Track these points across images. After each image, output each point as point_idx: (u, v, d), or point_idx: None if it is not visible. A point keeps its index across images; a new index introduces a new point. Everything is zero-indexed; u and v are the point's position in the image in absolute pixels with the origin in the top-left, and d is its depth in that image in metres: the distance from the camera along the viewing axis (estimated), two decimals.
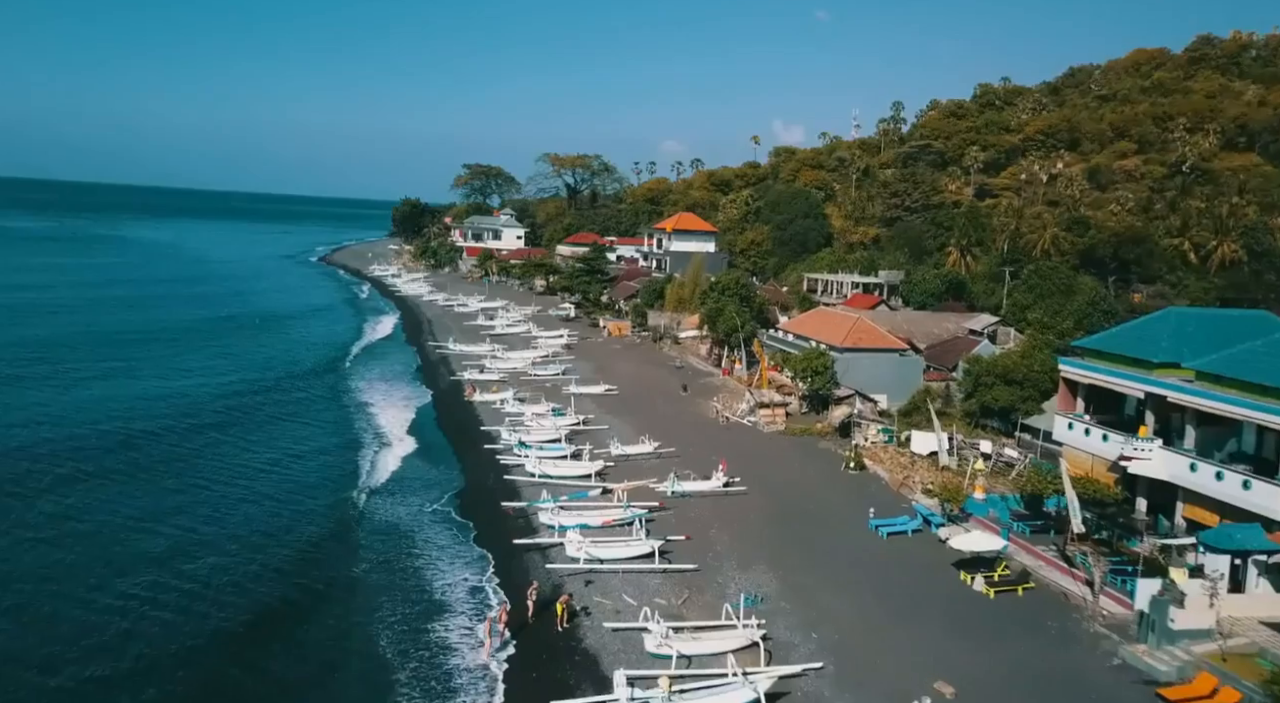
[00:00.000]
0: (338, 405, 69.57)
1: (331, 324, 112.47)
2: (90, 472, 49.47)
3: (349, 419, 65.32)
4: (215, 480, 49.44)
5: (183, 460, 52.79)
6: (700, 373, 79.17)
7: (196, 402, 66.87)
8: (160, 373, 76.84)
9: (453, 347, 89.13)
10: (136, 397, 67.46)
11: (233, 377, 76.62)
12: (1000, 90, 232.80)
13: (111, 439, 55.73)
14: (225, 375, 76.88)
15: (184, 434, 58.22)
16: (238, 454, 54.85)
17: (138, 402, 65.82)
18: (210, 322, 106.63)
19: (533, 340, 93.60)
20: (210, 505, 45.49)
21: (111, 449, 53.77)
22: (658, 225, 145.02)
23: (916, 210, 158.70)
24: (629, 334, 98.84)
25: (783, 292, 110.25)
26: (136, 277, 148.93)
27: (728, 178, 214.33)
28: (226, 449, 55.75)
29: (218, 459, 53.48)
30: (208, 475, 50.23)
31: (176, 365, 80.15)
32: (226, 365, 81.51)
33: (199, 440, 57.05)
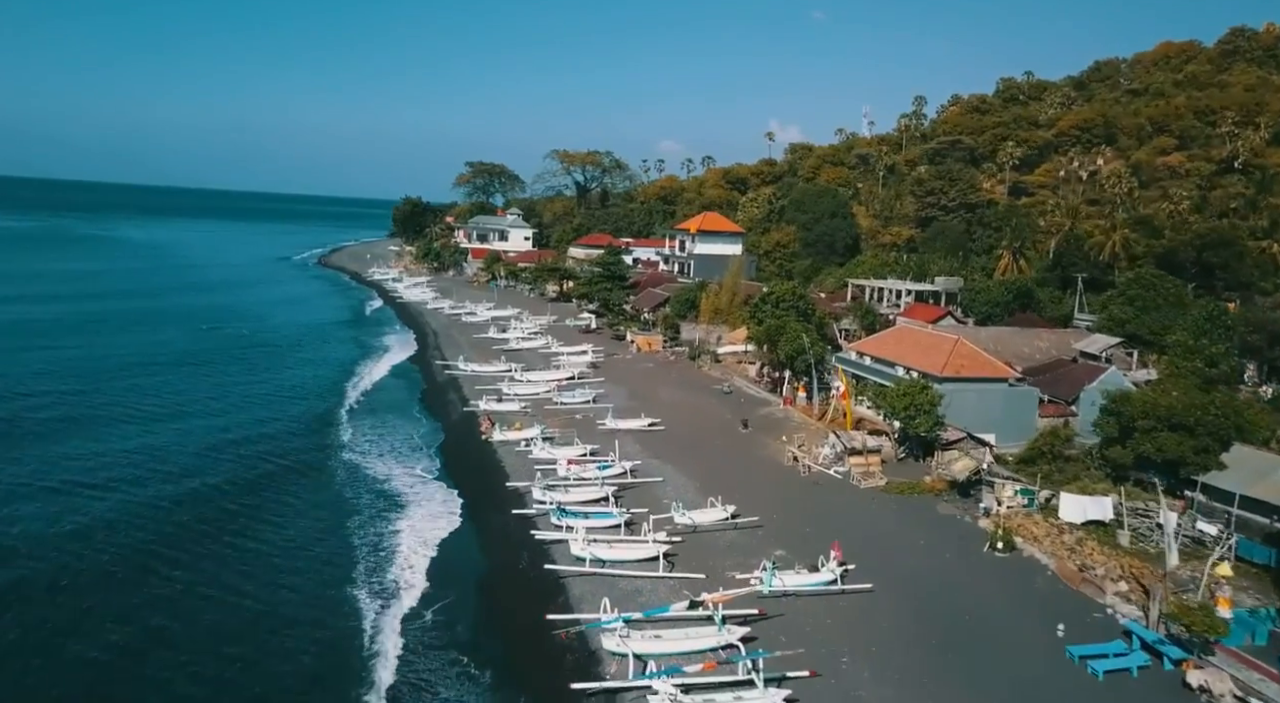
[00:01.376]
0: (329, 486, 49.12)
1: (325, 352, 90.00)
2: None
3: (347, 512, 45.28)
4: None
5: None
6: (754, 401, 66.79)
7: (112, 517, 42.26)
8: (76, 459, 50.34)
9: (464, 367, 76.70)
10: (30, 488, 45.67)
11: (190, 449, 53.56)
12: (1024, 85, 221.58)
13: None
14: (176, 450, 53.33)
15: (78, 590, 35.30)
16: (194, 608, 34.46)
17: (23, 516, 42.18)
18: (177, 354, 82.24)
19: (554, 358, 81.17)
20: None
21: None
22: (680, 226, 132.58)
23: (952, 210, 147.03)
24: (661, 350, 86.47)
25: (833, 302, 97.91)
26: (113, 288, 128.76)
27: (743, 175, 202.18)
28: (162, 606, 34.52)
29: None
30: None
31: (104, 442, 53.78)
32: (181, 430, 57.56)
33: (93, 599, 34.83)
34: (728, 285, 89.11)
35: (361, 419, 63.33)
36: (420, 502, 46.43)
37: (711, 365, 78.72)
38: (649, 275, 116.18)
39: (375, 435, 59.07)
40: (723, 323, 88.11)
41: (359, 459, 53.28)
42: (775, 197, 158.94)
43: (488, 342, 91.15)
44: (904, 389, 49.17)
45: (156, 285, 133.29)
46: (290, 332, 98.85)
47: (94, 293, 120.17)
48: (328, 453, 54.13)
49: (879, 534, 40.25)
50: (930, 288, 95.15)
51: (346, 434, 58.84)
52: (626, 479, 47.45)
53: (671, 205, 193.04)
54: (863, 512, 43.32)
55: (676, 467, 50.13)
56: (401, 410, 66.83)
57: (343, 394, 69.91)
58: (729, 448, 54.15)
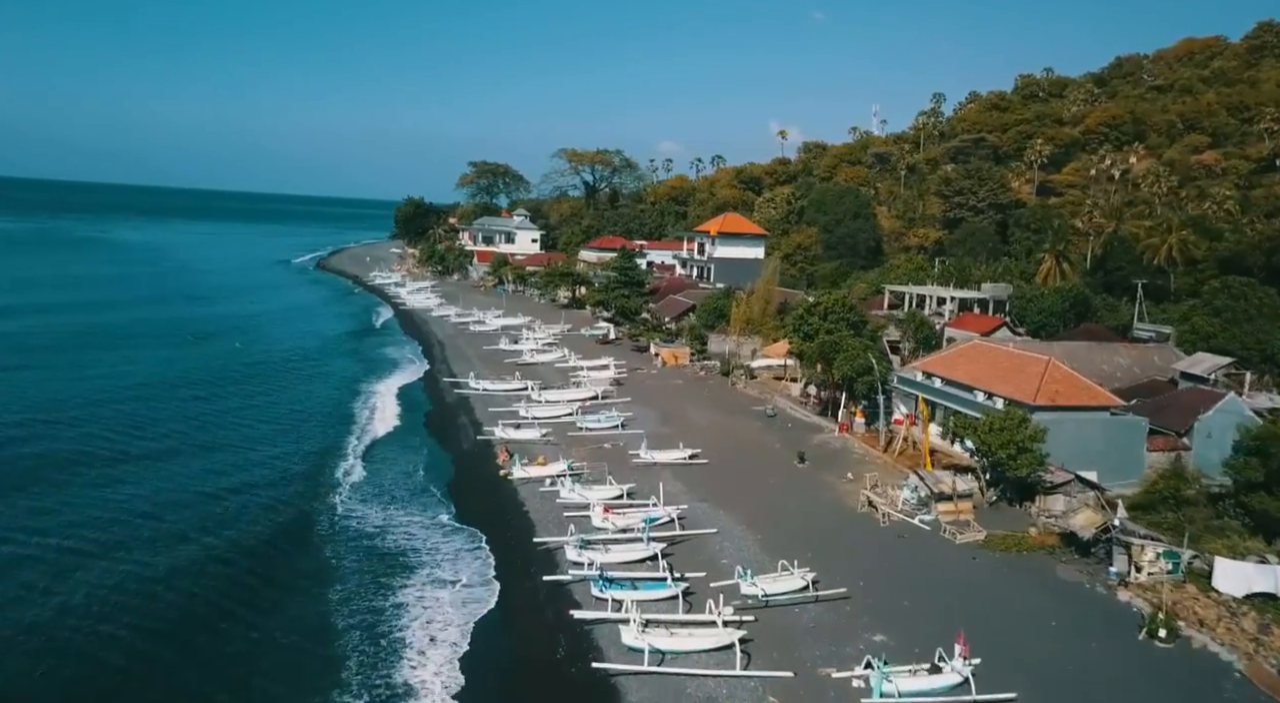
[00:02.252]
0: (321, 546, 40.16)
1: (322, 371, 78.85)
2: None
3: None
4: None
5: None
6: (802, 426, 59.08)
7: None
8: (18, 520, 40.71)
9: (475, 385, 69.01)
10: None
11: (160, 501, 43.62)
12: (1043, 82, 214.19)
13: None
14: (140, 507, 42.76)
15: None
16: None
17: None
18: (158, 377, 70.49)
19: (573, 373, 73.44)
20: None
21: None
22: (700, 227, 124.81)
23: (982, 210, 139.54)
24: (688, 364, 78.78)
25: (869, 310, 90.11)
26: (97, 297, 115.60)
27: (756, 175, 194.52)
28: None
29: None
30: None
31: (53, 496, 43.91)
32: (147, 476, 47.13)
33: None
34: (760, 293, 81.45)
35: (361, 450, 55.50)
36: (428, 563, 38.42)
37: (747, 382, 71.05)
38: (668, 281, 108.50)
39: (375, 471, 51.19)
40: (755, 334, 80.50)
41: (356, 507, 44.99)
42: (794, 197, 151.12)
43: (499, 355, 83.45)
44: (999, 423, 41.43)
45: (144, 294, 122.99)
46: (285, 346, 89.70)
47: (76, 303, 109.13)
48: (320, 500, 45.88)
49: (996, 609, 32.56)
50: (976, 295, 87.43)
51: (342, 471, 50.88)
52: (674, 531, 39.77)
53: (683, 206, 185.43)
54: (966, 575, 35.60)
55: (730, 513, 42.44)
56: (405, 438, 58.92)
57: (341, 423, 61.48)
58: (787, 488, 46.43)
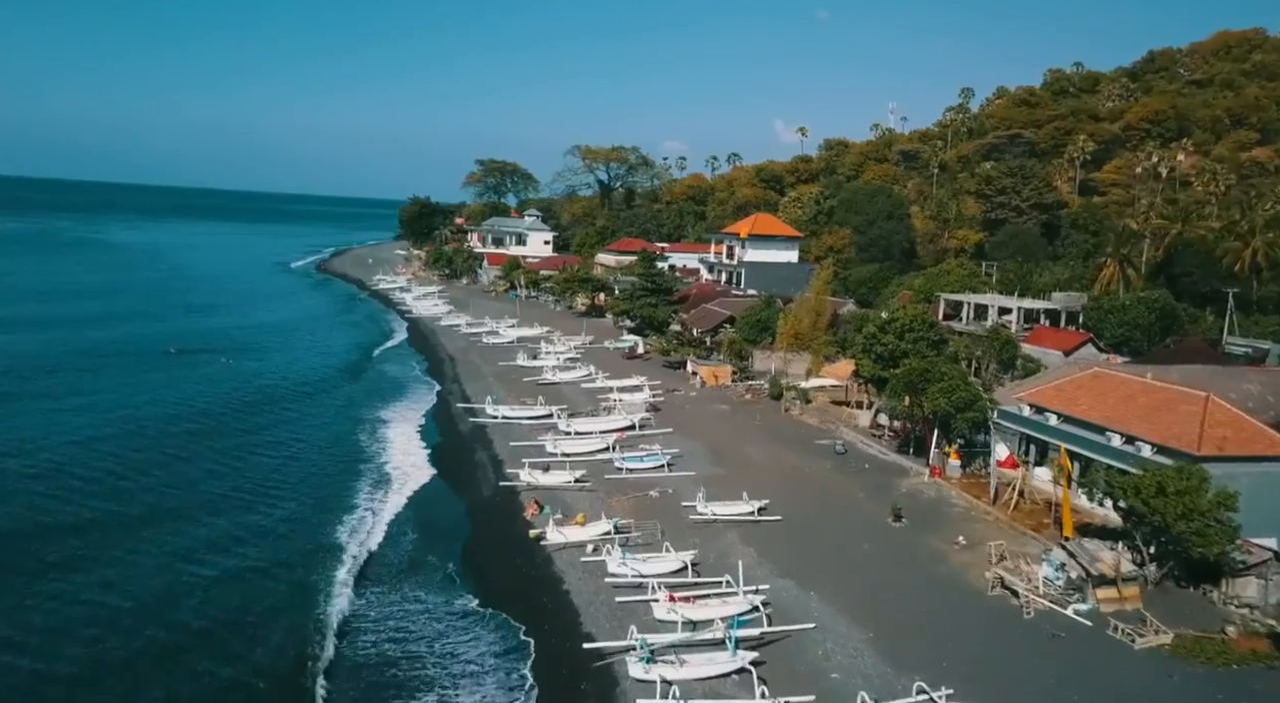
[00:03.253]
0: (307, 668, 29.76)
1: (317, 402, 66.49)
2: None
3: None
4: None
5: None
6: (880, 466, 49.90)
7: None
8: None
9: (493, 412, 59.87)
10: None
11: (95, 620, 32.30)
12: (1074, 76, 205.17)
13: None
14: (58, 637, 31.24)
15: None
16: None
17: None
18: (120, 430, 55.22)
19: (603, 396, 64.28)
20: None
21: None
22: (728, 229, 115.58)
23: (1024, 211, 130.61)
24: (731, 384, 69.63)
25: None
26: (75, 312, 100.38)
27: (778, 173, 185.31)
28: None
29: None
30: None
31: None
32: (74, 576, 35.57)
33: None
34: (810, 304, 72.28)
35: (362, 505, 46.45)
36: (439, 682, 29.28)
37: (802, 408, 61.88)
38: (696, 288, 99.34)
39: (380, 531, 42.19)
40: (804, 350, 71.35)
41: (356, 599, 35.60)
42: (822, 196, 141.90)
43: (517, 372, 74.34)
44: (1173, 482, 32.19)
45: (129, 307, 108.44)
46: (277, 365, 79.09)
47: (50, 319, 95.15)
48: (306, 583, 36.54)
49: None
50: (1045, 306, 78.15)
51: (340, 538, 41.80)
52: (761, 627, 30.65)
53: (701, 206, 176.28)
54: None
55: (824, 596, 33.32)
56: (412, 481, 49.81)
57: (339, 469, 51.81)
58: (886, 557, 37.27)
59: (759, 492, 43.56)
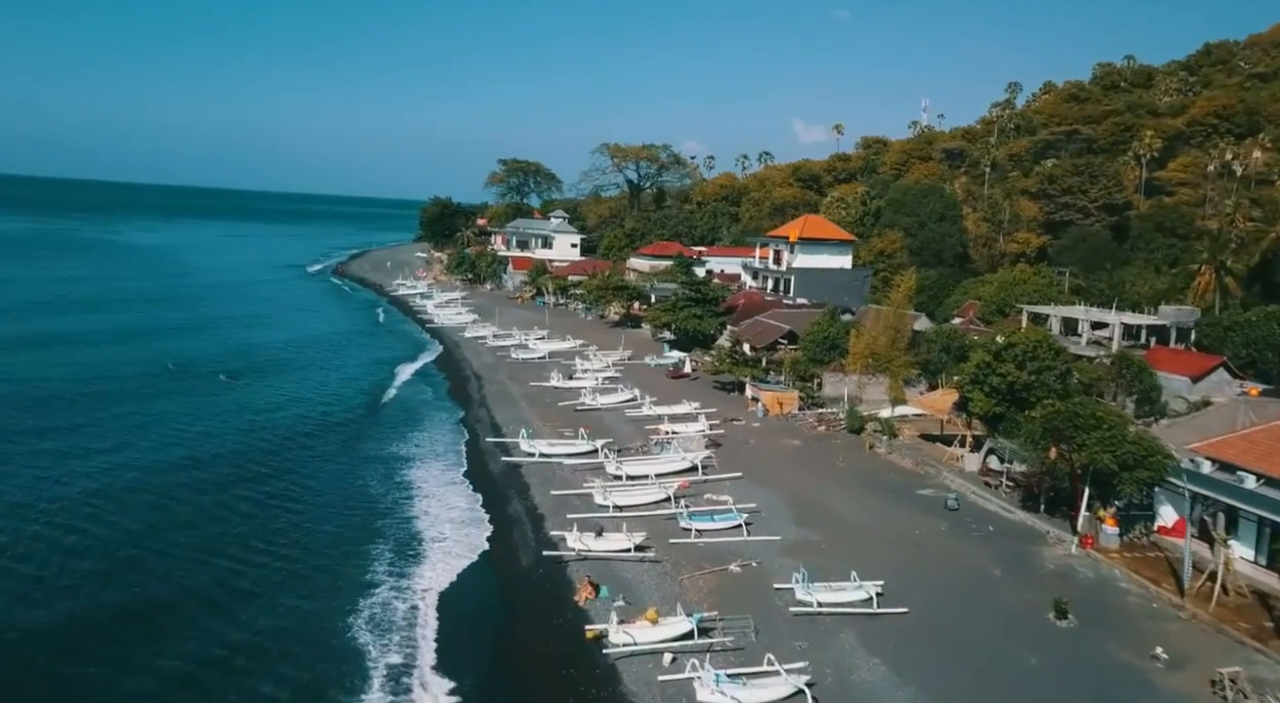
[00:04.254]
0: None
1: (320, 445, 54.55)
2: None
3: None
4: None
5: None
6: (1008, 529, 40.43)
7: None
8: None
9: (528, 448, 50.72)
10: None
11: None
12: (1126, 70, 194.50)
13: None
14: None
15: None
16: None
17: None
18: (78, 505, 42.63)
19: (654, 429, 55.02)
20: None
21: None
22: (774, 232, 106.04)
23: (1091, 212, 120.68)
24: (798, 412, 60.20)
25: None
26: (61, 330, 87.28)
27: (815, 172, 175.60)
28: None
29: None
30: None
31: None
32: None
33: None
34: (888, 318, 62.79)
35: (376, 586, 37.50)
36: None
37: (889, 445, 52.43)
38: (744, 297, 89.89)
39: (390, 617, 33.20)
40: (881, 372, 61.90)
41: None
42: (868, 196, 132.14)
43: (552, 395, 65.26)
44: None
45: (121, 323, 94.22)
46: (281, 399, 65.50)
47: (33, 337, 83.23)
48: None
49: None
50: (1151, 321, 68.27)
51: (361, 633, 32.91)
52: None
53: (735, 206, 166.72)
54: None
55: None
56: (438, 537, 40.80)
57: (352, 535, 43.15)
58: (1064, 678, 27.77)
59: (867, 566, 34.28)
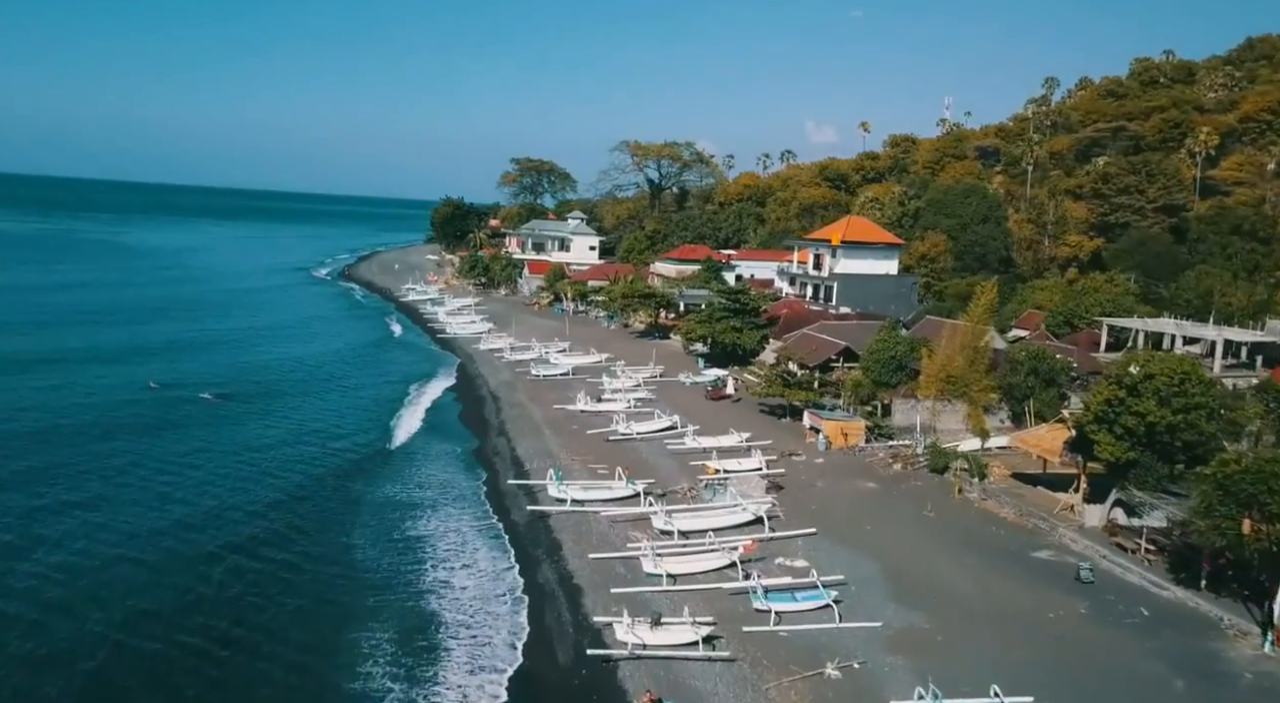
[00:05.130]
0: None
1: (314, 492, 45.92)
2: None
3: None
4: None
5: None
6: (1165, 613, 32.39)
7: None
8: None
9: (560, 495, 42.83)
10: None
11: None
12: (1165, 65, 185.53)
13: None
14: None
15: None
16: None
17: None
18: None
19: (703, 466, 47.09)
20: None
21: None
22: (815, 234, 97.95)
23: (1149, 213, 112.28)
24: (866, 446, 52.07)
25: (1083, 356, 63.15)
26: (43, 349, 74.96)
27: (843, 171, 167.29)
28: None
29: None
30: None
31: None
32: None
33: None
34: (966, 336, 54.62)
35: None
36: None
37: (981, 489, 44.37)
38: (786, 307, 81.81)
39: None
40: (958, 397, 53.78)
41: None
42: (905, 196, 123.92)
43: (579, 422, 57.34)
44: None
45: (111, 339, 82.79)
46: (274, 439, 54.64)
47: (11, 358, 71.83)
48: None
49: None
50: (1258, 337, 60.03)
51: None
52: None
53: (759, 207, 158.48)
54: None
55: None
56: (447, 627, 32.91)
57: (357, 619, 35.46)
58: None
59: (1002, 670, 26.42)
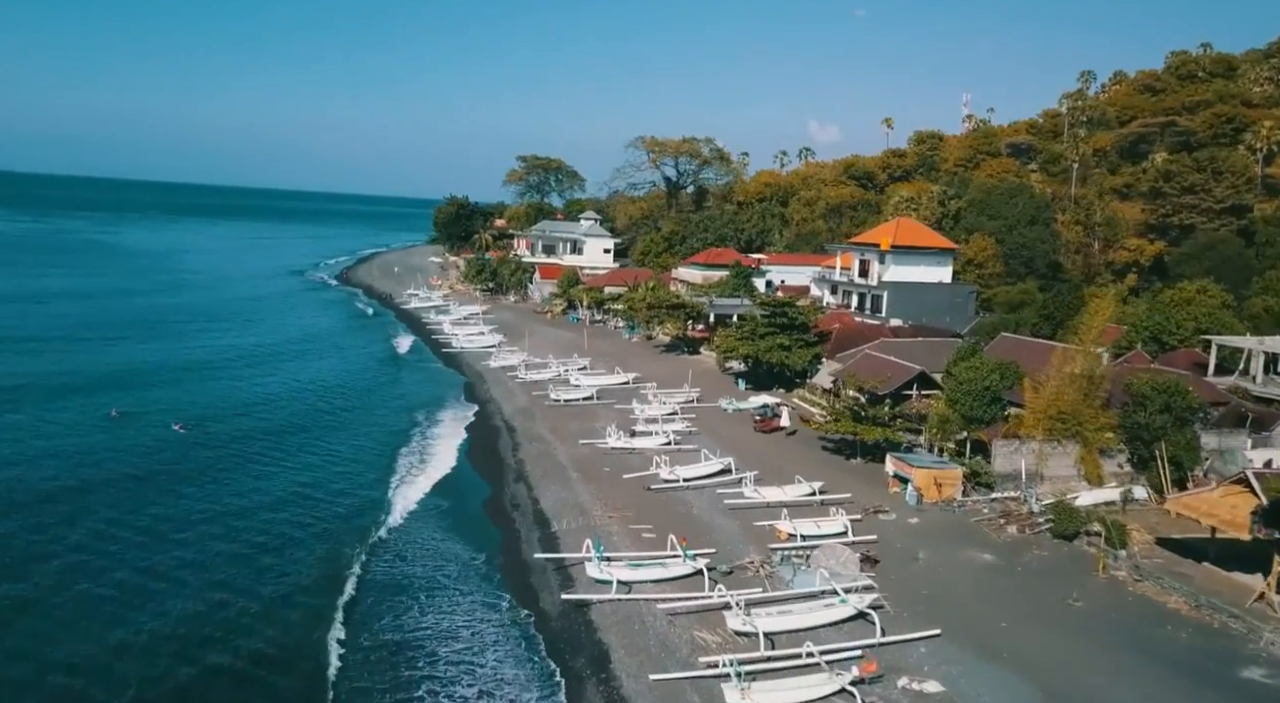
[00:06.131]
0: None
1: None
2: None
3: None
4: None
5: None
6: None
7: None
8: None
9: (600, 576, 33.44)
10: None
11: None
12: (1204, 59, 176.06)
13: None
14: None
15: None
16: None
17: None
18: None
19: (778, 537, 37.73)
20: None
21: None
22: (858, 238, 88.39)
23: (1216, 214, 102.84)
24: (964, 499, 42.66)
25: (1198, 383, 53.87)
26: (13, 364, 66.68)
27: (870, 169, 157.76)
28: None
29: None
30: None
31: None
32: None
33: None
34: (1081, 362, 45.15)
35: None
36: None
37: (1133, 568, 34.95)
38: (837, 321, 72.28)
39: None
40: (1069, 437, 44.34)
41: None
42: (945, 195, 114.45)
43: (613, 463, 47.88)
44: None
45: (73, 367, 68.11)
46: (251, 499, 42.88)
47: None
48: None
49: None
50: None
51: None
52: None
53: (782, 206, 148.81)
54: None
55: None
56: None
57: None
58: None
59: None
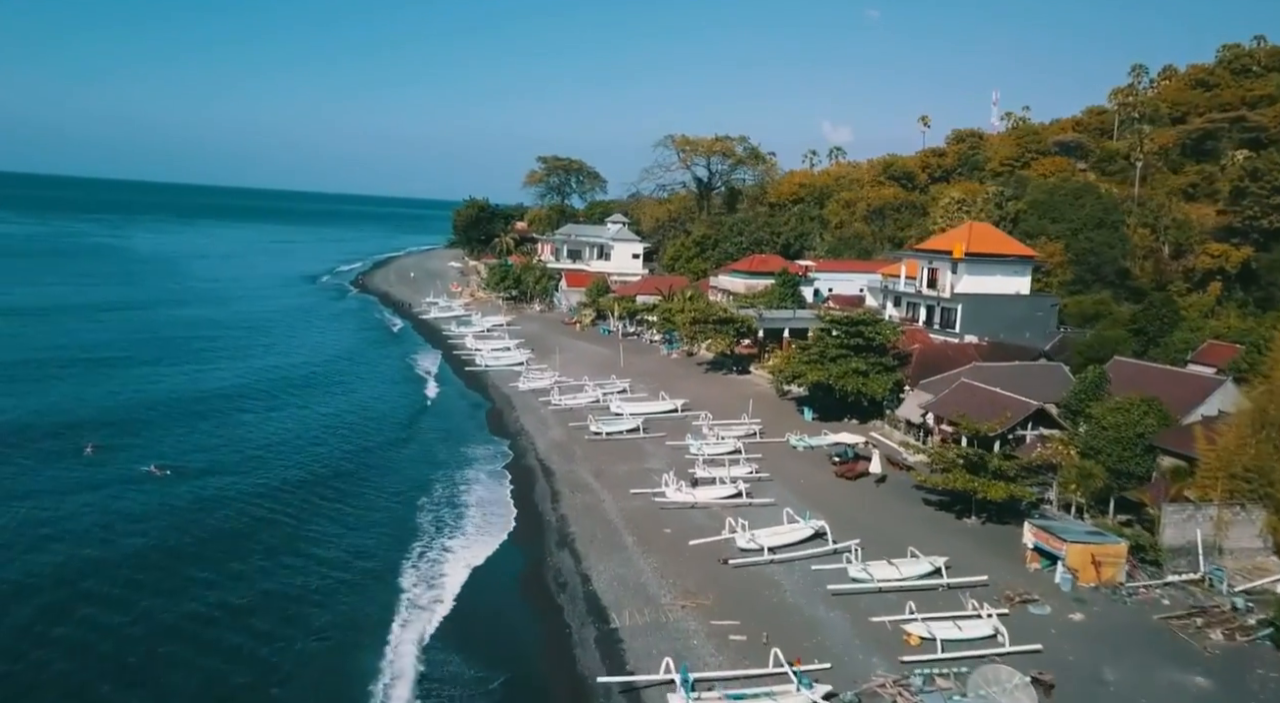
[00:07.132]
0: None
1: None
2: None
3: None
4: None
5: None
6: None
7: None
8: None
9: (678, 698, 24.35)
10: None
11: None
12: (1259, 53, 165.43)
13: None
14: None
15: None
16: None
17: None
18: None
19: (909, 641, 28.46)
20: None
21: None
22: (926, 245, 78.62)
23: None
24: (1131, 584, 33.15)
25: None
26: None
27: (910, 169, 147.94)
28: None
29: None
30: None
31: None
32: None
33: None
34: (1267, 404, 35.55)
35: None
36: None
37: None
38: (916, 339, 62.60)
39: None
40: (1258, 500, 34.77)
41: None
42: (1003, 196, 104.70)
43: (675, 524, 38.58)
44: None
45: (67, 389, 61.95)
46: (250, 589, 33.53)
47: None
48: None
49: None
50: None
51: None
52: None
53: (819, 208, 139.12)
54: None
55: None
56: None
57: None
58: None
59: None
